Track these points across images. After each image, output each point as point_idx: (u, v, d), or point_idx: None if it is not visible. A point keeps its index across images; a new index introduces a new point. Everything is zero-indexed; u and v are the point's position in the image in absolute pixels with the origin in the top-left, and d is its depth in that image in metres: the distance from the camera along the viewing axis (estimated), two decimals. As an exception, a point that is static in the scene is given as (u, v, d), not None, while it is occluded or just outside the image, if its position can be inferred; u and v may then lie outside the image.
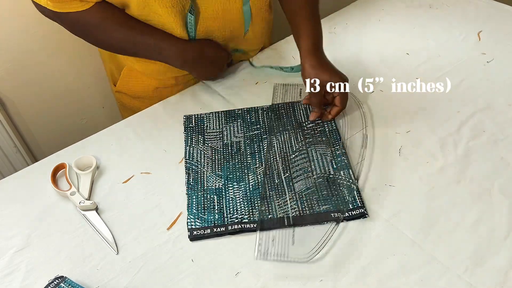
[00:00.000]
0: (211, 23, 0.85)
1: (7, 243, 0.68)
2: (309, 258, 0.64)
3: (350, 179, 0.74)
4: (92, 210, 0.71)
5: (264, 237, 0.66)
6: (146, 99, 0.99)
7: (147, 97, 0.99)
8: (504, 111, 0.85)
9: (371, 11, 1.15)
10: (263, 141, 0.82)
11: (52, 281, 0.62)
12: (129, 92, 1.01)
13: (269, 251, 0.64)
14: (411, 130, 0.83)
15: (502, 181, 0.73)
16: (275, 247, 0.65)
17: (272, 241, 0.66)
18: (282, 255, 0.64)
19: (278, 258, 0.64)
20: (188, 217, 0.70)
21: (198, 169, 0.77)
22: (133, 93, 1.01)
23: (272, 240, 0.66)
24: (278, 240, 0.66)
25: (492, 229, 0.66)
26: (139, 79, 0.98)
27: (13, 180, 0.78)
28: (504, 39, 1.03)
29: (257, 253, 0.64)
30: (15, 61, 1.10)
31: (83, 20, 0.78)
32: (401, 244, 0.65)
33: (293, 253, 0.64)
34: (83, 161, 0.78)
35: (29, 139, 1.27)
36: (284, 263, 0.64)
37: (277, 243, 0.65)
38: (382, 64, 0.98)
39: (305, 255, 0.64)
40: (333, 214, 0.69)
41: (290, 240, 0.66)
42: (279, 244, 0.65)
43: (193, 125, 0.85)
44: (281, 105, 0.89)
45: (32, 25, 1.06)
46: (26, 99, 1.18)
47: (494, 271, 0.62)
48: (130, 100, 1.03)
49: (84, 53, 1.20)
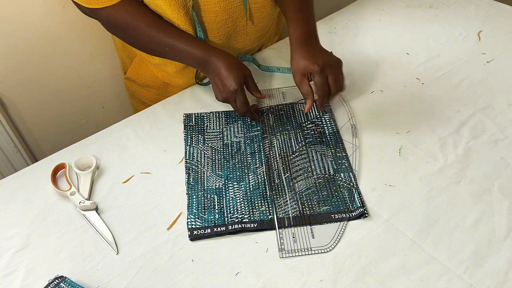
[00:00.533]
0: (213, 18, 0.85)
1: (7, 243, 0.68)
2: (332, 247, 0.65)
3: (350, 182, 0.74)
4: (92, 210, 0.71)
5: (284, 236, 0.67)
6: (153, 88, 1.03)
7: (155, 87, 1.02)
8: (504, 111, 0.85)
9: (371, 11, 1.15)
10: (263, 141, 0.82)
11: (52, 281, 0.62)
12: (138, 80, 1.04)
13: (292, 248, 0.66)
14: (411, 130, 0.83)
15: (502, 181, 0.73)
16: (297, 244, 0.66)
17: (293, 238, 0.67)
18: (306, 249, 0.66)
19: (302, 253, 0.65)
20: (188, 217, 0.70)
21: (198, 169, 0.77)
22: (142, 82, 1.04)
23: (292, 237, 0.67)
24: (298, 236, 0.67)
25: (492, 229, 0.66)
26: (148, 69, 1.01)
27: (13, 180, 0.78)
28: (504, 39, 1.03)
29: (281, 252, 0.65)
30: (15, 61, 1.10)
31: (113, 17, 0.80)
32: (401, 244, 0.65)
33: (315, 245, 0.66)
34: (83, 161, 0.78)
35: (29, 139, 1.27)
36: (284, 263, 0.64)
37: (298, 239, 0.67)
38: (382, 64, 0.98)
39: (327, 246, 0.66)
40: (333, 215, 0.69)
41: (309, 234, 0.67)
42: (300, 239, 0.67)
43: (193, 124, 0.85)
44: (281, 106, 0.89)
45: (32, 25, 1.06)
46: (26, 99, 1.18)
47: (494, 271, 0.62)
48: (138, 89, 1.06)
49: (84, 53, 1.20)
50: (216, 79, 0.81)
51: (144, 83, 1.04)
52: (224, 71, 0.79)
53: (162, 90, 1.02)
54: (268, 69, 0.97)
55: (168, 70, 0.95)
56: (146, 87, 1.04)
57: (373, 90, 0.92)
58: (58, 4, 1.07)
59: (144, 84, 1.04)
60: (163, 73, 0.98)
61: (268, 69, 0.97)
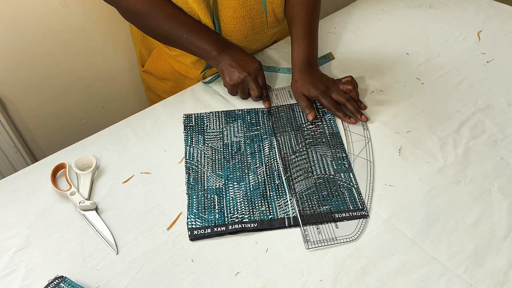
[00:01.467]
0: (231, 14, 0.87)
1: (7, 243, 0.68)
2: (356, 237, 0.67)
3: (350, 182, 0.74)
4: (92, 210, 0.71)
5: (308, 230, 0.68)
6: (170, 81, 1.06)
7: (172, 79, 1.05)
8: (504, 111, 0.85)
9: (371, 11, 1.15)
10: (263, 141, 0.82)
11: (52, 281, 0.62)
12: (156, 73, 1.06)
13: (318, 239, 0.66)
14: (411, 130, 0.83)
15: (502, 181, 0.73)
16: (321, 235, 0.67)
17: (317, 230, 0.68)
18: (331, 239, 0.66)
19: (328, 243, 0.66)
20: (188, 216, 0.70)
21: (198, 169, 0.77)
22: (159, 74, 1.06)
23: (317, 229, 0.68)
24: (322, 228, 0.68)
25: (492, 229, 0.66)
26: (166, 61, 1.03)
27: (13, 180, 0.78)
28: (504, 39, 1.03)
29: (307, 244, 0.66)
30: (15, 61, 1.10)
31: (133, 7, 0.83)
32: (401, 244, 0.66)
33: (339, 235, 0.67)
34: (83, 161, 0.78)
35: (29, 139, 1.27)
36: (283, 263, 0.64)
37: (322, 231, 0.68)
38: (382, 64, 0.98)
39: (351, 235, 0.67)
40: (333, 215, 0.69)
41: (333, 225, 0.68)
42: (324, 231, 0.67)
43: (193, 124, 0.85)
44: (281, 107, 0.89)
45: (32, 25, 1.06)
46: (26, 99, 1.18)
47: (494, 271, 0.62)
48: (155, 81, 1.09)
49: (84, 53, 1.20)
50: (227, 66, 0.85)
51: (162, 76, 1.06)
52: (235, 60, 0.85)
53: (178, 82, 1.04)
54: (269, 69, 0.98)
55: (185, 61, 0.98)
56: (164, 80, 1.07)
57: (373, 90, 0.92)
58: (58, 4, 1.07)
59: (162, 77, 1.06)
60: (180, 65, 1.00)
61: (268, 69, 0.98)
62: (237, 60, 0.85)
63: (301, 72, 0.88)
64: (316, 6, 0.92)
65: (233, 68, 0.85)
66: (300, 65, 0.89)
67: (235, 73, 0.84)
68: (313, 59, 0.90)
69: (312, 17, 0.91)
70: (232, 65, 0.85)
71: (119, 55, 1.26)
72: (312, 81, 0.86)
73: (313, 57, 0.91)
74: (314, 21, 0.91)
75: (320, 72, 0.89)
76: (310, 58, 0.89)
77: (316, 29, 0.92)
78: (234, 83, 0.85)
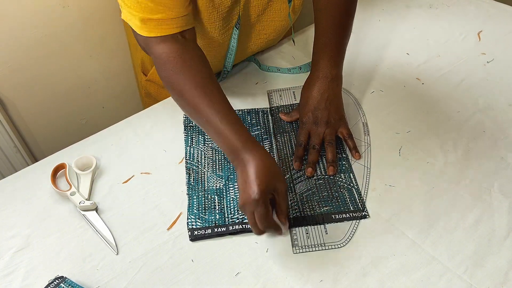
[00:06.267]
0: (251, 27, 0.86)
1: (7, 243, 0.68)
2: (345, 243, 0.66)
3: (351, 182, 0.74)
4: (92, 210, 0.71)
5: (298, 233, 0.68)
6: None
7: None
8: (504, 111, 0.85)
9: (371, 11, 1.15)
10: (263, 141, 0.82)
11: (52, 281, 0.62)
12: (160, 82, 1.03)
13: (305, 244, 0.66)
14: (411, 130, 0.83)
15: (502, 181, 0.73)
16: (310, 240, 0.67)
17: (306, 234, 0.67)
18: (319, 244, 0.66)
19: (315, 249, 0.66)
20: (188, 217, 0.70)
21: (199, 169, 0.77)
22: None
23: (306, 233, 0.67)
24: (311, 233, 0.68)
25: (492, 229, 0.66)
26: None
27: (13, 180, 0.78)
28: (504, 39, 1.03)
29: (295, 248, 0.66)
30: (15, 61, 1.10)
31: (166, 57, 0.70)
32: (401, 244, 0.66)
33: (328, 241, 0.66)
34: (83, 161, 0.78)
35: (29, 139, 1.27)
36: (284, 263, 0.64)
37: (311, 235, 0.67)
38: (382, 64, 0.98)
39: (340, 241, 0.66)
40: (334, 215, 0.69)
41: (323, 230, 0.68)
42: (313, 236, 0.67)
43: (193, 124, 0.85)
44: (281, 108, 0.89)
45: (32, 25, 1.06)
46: (26, 99, 1.18)
47: (494, 271, 0.62)
48: (158, 89, 1.06)
49: (84, 53, 1.20)
50: (241, 179, 0.64)
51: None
52: (253, 172, 0.62)
53: None
54: (269, 69, 0.97)
55: None
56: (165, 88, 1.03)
57: (373, 90, 0.92)
58: (58, 4, 1.06)
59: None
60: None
61: (268, 69, 0.97)
62: (249, 174, 0.63)
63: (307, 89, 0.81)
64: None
65: (239, 186, 0.64)
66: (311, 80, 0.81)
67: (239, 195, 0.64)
68: (330, 76, 0.81)
69: (342, 8, 0.81)
70: (240, 182, 0.64)
71: (119, 55, 1.26)
72: (313, 103, 0.80)
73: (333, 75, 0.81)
74: (344, 11, 0.82)
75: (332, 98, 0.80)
76: (328, 76, 0.80)
77: (347, 25, 0.84)
78: (239, 206, 0.64)
